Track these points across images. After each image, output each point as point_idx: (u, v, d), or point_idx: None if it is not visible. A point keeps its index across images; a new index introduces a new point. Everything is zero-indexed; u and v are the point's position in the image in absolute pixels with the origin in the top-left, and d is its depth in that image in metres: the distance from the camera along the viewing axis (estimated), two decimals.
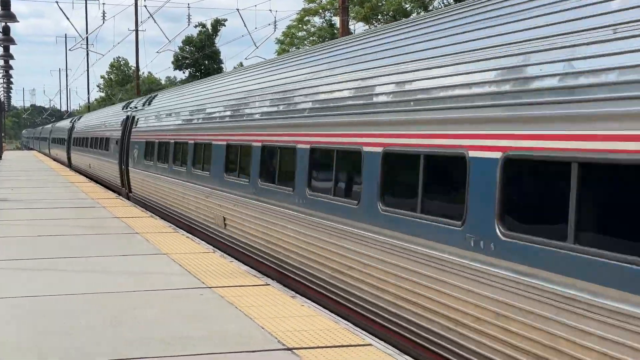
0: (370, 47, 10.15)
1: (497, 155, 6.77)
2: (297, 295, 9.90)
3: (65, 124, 61.68)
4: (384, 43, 9.79)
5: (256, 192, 13.10)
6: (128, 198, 25.72)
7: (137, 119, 26.05)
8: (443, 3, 50.84)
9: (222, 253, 13.26)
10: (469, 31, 7.85)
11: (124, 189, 27.08)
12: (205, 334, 7.87)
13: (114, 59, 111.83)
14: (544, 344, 6.09)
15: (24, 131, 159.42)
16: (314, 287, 10.71)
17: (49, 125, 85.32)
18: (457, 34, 8.04)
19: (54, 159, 60.69)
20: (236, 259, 12.98)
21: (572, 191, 5.85)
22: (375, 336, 8.09)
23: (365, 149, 9.07)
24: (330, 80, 10.81)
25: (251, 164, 13.46)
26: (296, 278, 11.37)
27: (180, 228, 17.02)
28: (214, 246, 14.52)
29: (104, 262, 12.06)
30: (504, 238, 6.58)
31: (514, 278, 6.42)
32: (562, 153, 5.98)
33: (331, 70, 10.99)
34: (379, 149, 8.87)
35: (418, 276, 7.91)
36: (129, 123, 27.06)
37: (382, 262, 8.66)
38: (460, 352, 7.28)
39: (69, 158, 49.57)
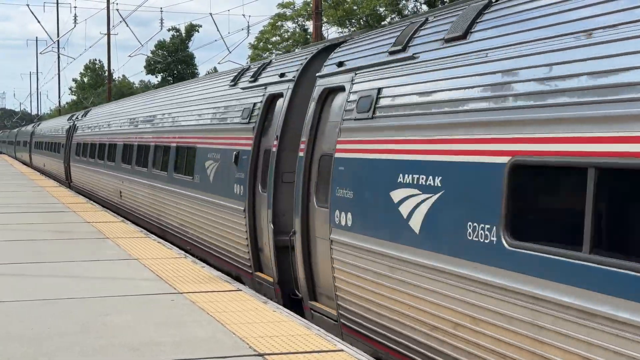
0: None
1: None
2: (269, 301, 9.86)
3: (28, 129, 66.37)
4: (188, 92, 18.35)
5: (135, 174, 20.62)
6: (69, 187, 32.50)
7: (77, 126, 34.07)
8: (416, 8, 51.04)
9: (194, 258, 13.21)
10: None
11: (67, 181, 34.89)
12: (175, 340, 7.80)
13: (89, 60, 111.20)
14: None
15: None
16: (174, 233, 16.71)
17: (15, 130, 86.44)
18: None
19: (20, 161, 62.92)
20: (128, 219, 19.46)
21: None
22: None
23: (198, 146, 15.29)
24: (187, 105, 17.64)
25: (132, 156, 21.14)
26: (170, 231, 17.20)
27: (104, 206, 23.36)
28: (113, 211, 21.50)
29: (74, 268, 11.94)
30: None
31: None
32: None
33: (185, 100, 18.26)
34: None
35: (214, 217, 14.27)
36: (71, 130, 35.31)
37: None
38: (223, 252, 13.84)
39: (30, 158, 56.02)
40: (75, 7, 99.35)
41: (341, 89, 9.42)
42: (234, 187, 12.60)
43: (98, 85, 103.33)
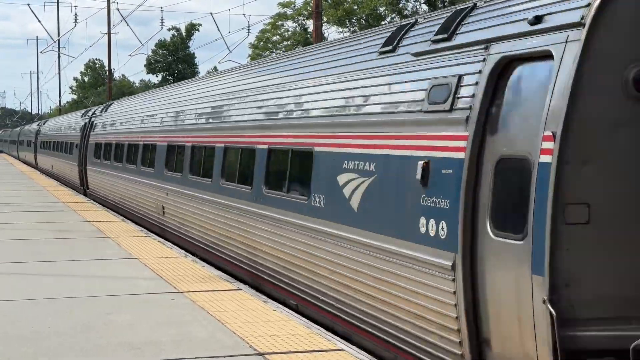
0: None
1: (265, 147, 11.79)
2: (269, 300, 9.86)
3: (32, 127, 62.50)
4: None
5: (189, 185, 15.67)
6: (85, 194, 28.27)
7: (95, 124, 28.84)
8: (416, 8, 51.07)
9: (194, 257, 13.20)
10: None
11: (81, 187, 29.98)
12: (176, 339, 7.80)
13: (89, 59, 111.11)
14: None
15: None
16: (224, 257, 13.41)
17: (18, 129, 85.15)
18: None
19: (23, 161, 61.30)
20: (173, 242, 15.62)
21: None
22: (347, 340, 8.07)
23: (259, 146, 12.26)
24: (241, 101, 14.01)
25: (184, 161, 16.18)
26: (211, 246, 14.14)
27: (134, 220, 19.41)
28: (151, 231, 17.16)
29: (74, 267, 11.94)
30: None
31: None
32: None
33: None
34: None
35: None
36: (87, 128, 30.02)
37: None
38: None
39: (35, 160, 51.87)
40: (75, 6, 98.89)
41: None
42: (419, 222, 7.50)
43: (98, 85, 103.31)
